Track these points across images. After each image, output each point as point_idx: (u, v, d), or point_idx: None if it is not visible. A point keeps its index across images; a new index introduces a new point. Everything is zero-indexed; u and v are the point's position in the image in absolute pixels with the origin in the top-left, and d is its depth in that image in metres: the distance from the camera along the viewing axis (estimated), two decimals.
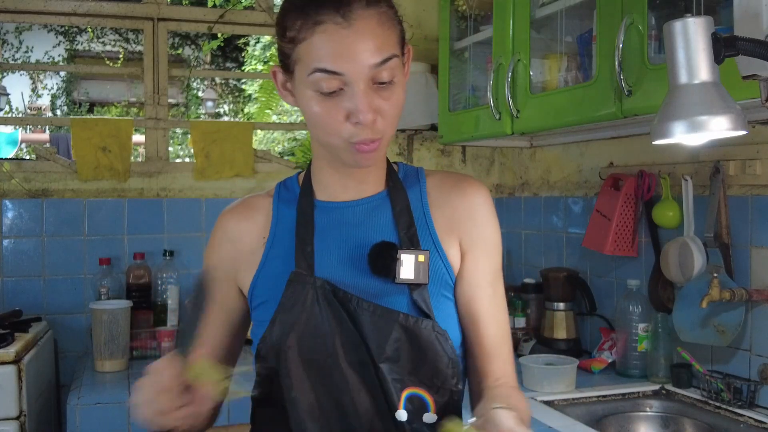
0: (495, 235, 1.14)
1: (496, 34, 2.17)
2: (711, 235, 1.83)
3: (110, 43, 8.48)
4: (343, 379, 1.03)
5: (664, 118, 1.08)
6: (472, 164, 3.02)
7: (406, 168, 1.18)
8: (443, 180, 1.16)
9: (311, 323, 1.04)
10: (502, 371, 1.10)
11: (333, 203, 1.12)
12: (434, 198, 1.14)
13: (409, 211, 1.10)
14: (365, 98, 0.97)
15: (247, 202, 1.19)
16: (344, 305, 1.04)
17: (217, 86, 9.01)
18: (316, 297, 1.04)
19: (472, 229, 1.12)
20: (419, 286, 1.05)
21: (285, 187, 1.18)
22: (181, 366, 0.90)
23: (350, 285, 1.05)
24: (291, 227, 1.12)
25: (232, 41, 8.01)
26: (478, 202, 1.13)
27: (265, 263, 1.12)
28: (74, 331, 2.52)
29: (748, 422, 1.70)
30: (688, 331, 1.86)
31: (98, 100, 9.13)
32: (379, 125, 1.00)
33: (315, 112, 1.00)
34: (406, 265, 1.04)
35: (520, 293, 2.53)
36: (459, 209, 1.13)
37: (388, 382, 1.02)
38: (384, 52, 0.97)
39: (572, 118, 1.86)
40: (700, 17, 1.06)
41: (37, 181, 2.55)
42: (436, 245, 1.10)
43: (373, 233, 1.09)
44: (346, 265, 1.07)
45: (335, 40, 0.96)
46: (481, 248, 1.12)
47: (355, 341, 1.03)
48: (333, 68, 0.96)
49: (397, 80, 1.01)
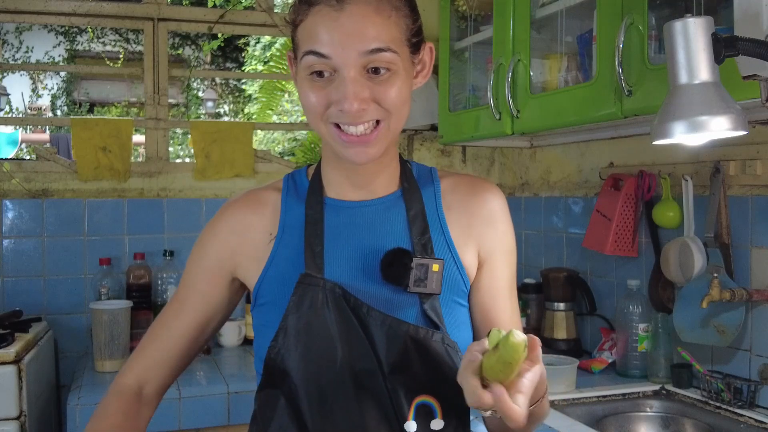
0: (513, 242, 1.12)
1: (496, 34, 2.17)
2: (711, 235, 1.83)
3: (110, 43, 8.49)
4: (351, 387, 1.00)
5: (664, 118, 1.08)
6: (472, 164, 3.02)
7: (419, 168, 1.14)
8: (458, 183, 1.12)
9: (320, 328, 1.00)
10: None
11: (343, 202, 1.08)
12: (449, 201, 1.10)
13: (423, 215, 1.07)
14: (352, 86, 0.94)
15: (254, 195, 1.13)
16: (354, 311, 1.00)
17: (217, 86, 9.02)
18: (326, 300, 1.00)
19: (492, 237, 1.10)
20: (431, 296, 1.02)
21: (293, 181, 1.13)
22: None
23: (359, 290, 1.02)
24: (300, 224, 1.07)
25: (232, 41, 8.02)
26: (496, 208, 1.11)
27: (273, 261, 1.07)
28: (74, 331, 2.52)
29: (748, 422, 1.70)
30: (689, 331, 1.86)
31: (98, 100, 9.14)
32: (369, 116, 0.96)
33: (304, 97, 0.99)
34: (419, 274, 1.01)
35: (520, 293, 2.53)
36: (477, 215, 1.10)
37: (398, 392, 0.99)
38: (377, 42, 0.93)
39: (572, 118, 1.86)
40: (701, 17, 1.06)
41: (38, 181, 2.55)
42: (451, 251, 1.07)
43: (385, 238, 1.05)
44: (356, 270, 1.04)
45: (326, 23, 0.94)
46: (500, 256, 1.10)
47: (363, 349, 1.00)
48: (321, 50, 0.94)
49: (398, 72, 0.96)
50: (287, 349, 1.01)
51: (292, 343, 1.01)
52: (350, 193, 1.08)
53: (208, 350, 2.45)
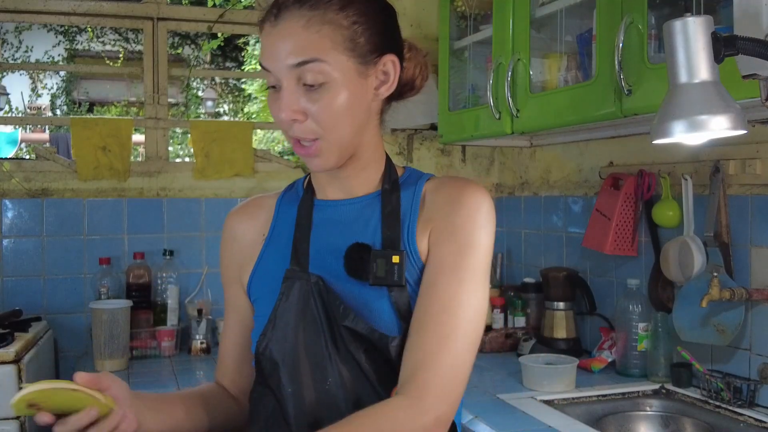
0: (469, 229, 1.03)
1: (495, 33, 2.17)
2: (711, 235, 1.84)
3: (110, 42, 8.48)
4: (338, 376, 1.04)
5: (663, 117, 1.08)
6: (471, 164, 3.02)
7: (412, 172, 1.15)
8: (443, 183, 1.10)
9: (309, 319, 1.06)
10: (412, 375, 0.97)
11: (329, 201, 1.13)
12: (428, 201, 1.09)
13: (397, 214, 1.08)
14: (285, 97, 1.00)
15: (252, 202, 1.22)
16: (332, 305, 1.05)
17: (216, 86, 9.02)
18: (311, 292, 1.06)
19: (442, 218, 1.05)
20: (395, 288, 1.04)
21: (291, 188, 1.20)
22: None
23: (336, 284, 1.06)
24: (290, 225, 1.13)
25: (231, 41, 8.02)
26: (461, 199, 1.05)
27: (262, 259, 1.15)
28: (74, 331, 2.52)
29: (748, 421, 1.70)
30: (688, 331, 1.86)
31: (98, 100, 9.13)
32: (306, 128, 1.01)
33: (269, 107, 1.06)
34: (381, 267, 1.03)
35: (520, 293, 2.53)
36: (438, 204, 1.07)
37: (376, 382, 1.04)
38: (303, 55, 0.98)
39: (572, 117, 1.86)
40: (700, 17, 1.06)
41: (37, 180, 2.55)
42: (412, 246, 1.06)
43: (359, 234, 1.09)
44: (334, 265, 1.08)
45: (265, 38, 1.02)
46: (443, 236, 1.04)
47: (346, 340, 1.04)
48: (263, 64, 1.02)
49: (332, 84, 0.99)
50: (276, 341, 1.06)
51: (280, 335, 1.06)
52: (333, 193, 1.13)
53: (207, 349, 2.46)
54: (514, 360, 2.22)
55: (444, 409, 0.96)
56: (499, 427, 1.64)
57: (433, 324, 0.99)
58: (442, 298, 1.00)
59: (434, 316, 0.99)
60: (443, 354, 0.97)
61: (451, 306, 1.00)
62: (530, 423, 1.68)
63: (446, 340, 0.98)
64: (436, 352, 0.97)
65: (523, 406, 1.80)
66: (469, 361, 1.00)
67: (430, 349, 0.97)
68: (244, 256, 1.17)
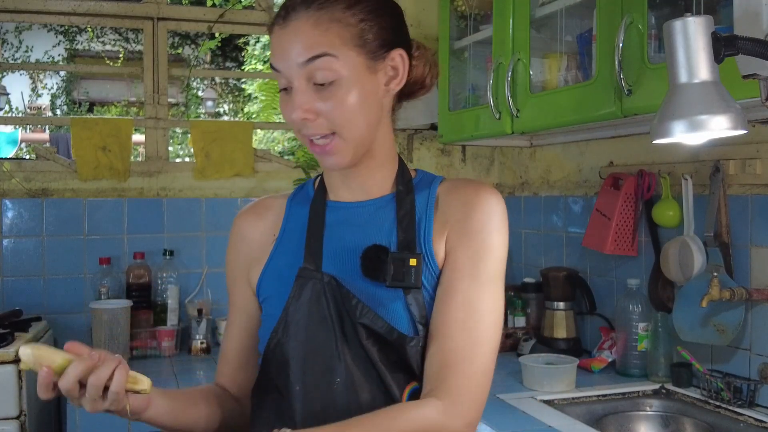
0: (485, 232, 1.05)
1: (495, 33, 2.17)
2: (711, 235, 1.84)
3: (110, 42, 8.48)
4: (347, 374, 1.04)
5: (663, 117, 1.08)
6: (471, 164, 3.02)
7: (424, 175, 1.16)
8: (456, 185, 1.11)
9: (320, 317, 1.05)
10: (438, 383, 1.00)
11: (341, 203, 1.13)
12: (441, 203, 1.10)
13: (412, 216, 1.09)
14: (297, 96, 1.01)
15: (261, 202, 1.22)
16: (346, 303, 1.04)
17: (216, 86, 9.01)
18: (324, 291, 1.06)
19: (459, 221, 1.06)
20: (411, 290, 1.04)
21: (301, 189, 1.20)
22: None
23: (351, 285, 1.06)
24: (301, 225, 1.13)
25: (231, 41, 8.02)
26: (476, 203, 1.06)
27: (272, 259, 1.14)
28: (74, 331, 2.51)
29: (748, 421, 1.70)
30: (688, 331, 1.86)
31: (98, 100, 9.13)
32: (318, 124, 1.02)
33: (281, 109, 1.07)
34: (397, 269, 1.03)
35: (520, 293, 2.53)
36: (453, 207, 1.08)
37: (390, 379, 1.03)
38: (312, 51, 0.99)
39: (572, 117, 1.86)
40: (700, 16, 1.06)
41: (37, 180, 2.55)
42: (428, 249, 1.07)
43: (374, 236, 1.08)
44: (348, 265, 1.08)
45: (275, 40, 1.03)
46: (461, 239, 1.05)
47: (360, 337, 1.03)
48: (274, 65, 1.03)
49: (343, 80, 1.00)
50: (287, 338, 1.06)
51: (292, 332, 1.06)
52: (347, 194, 1.13)
53: (208, 349, 2.46)
54: (514, 360, 2.22)
55: (474, 415, 1.01)
56: (499, 427, 1.64)
57: (460, 330, 1.01)
58: (464, 303, 1.02)
59: (460, 322, 1.01)
60: (475, 360, 1.01)
61: (475, 311, 1.02)
62: (530, 423, 1.68)
63: (475, 346, 1.01)
64: (468, 359, 1.00)
65: (523, 406, 1.80)
66: (493, 366, 1.04)
67: (462, 354, 1.00)
68: (254, 256, 1.17)
